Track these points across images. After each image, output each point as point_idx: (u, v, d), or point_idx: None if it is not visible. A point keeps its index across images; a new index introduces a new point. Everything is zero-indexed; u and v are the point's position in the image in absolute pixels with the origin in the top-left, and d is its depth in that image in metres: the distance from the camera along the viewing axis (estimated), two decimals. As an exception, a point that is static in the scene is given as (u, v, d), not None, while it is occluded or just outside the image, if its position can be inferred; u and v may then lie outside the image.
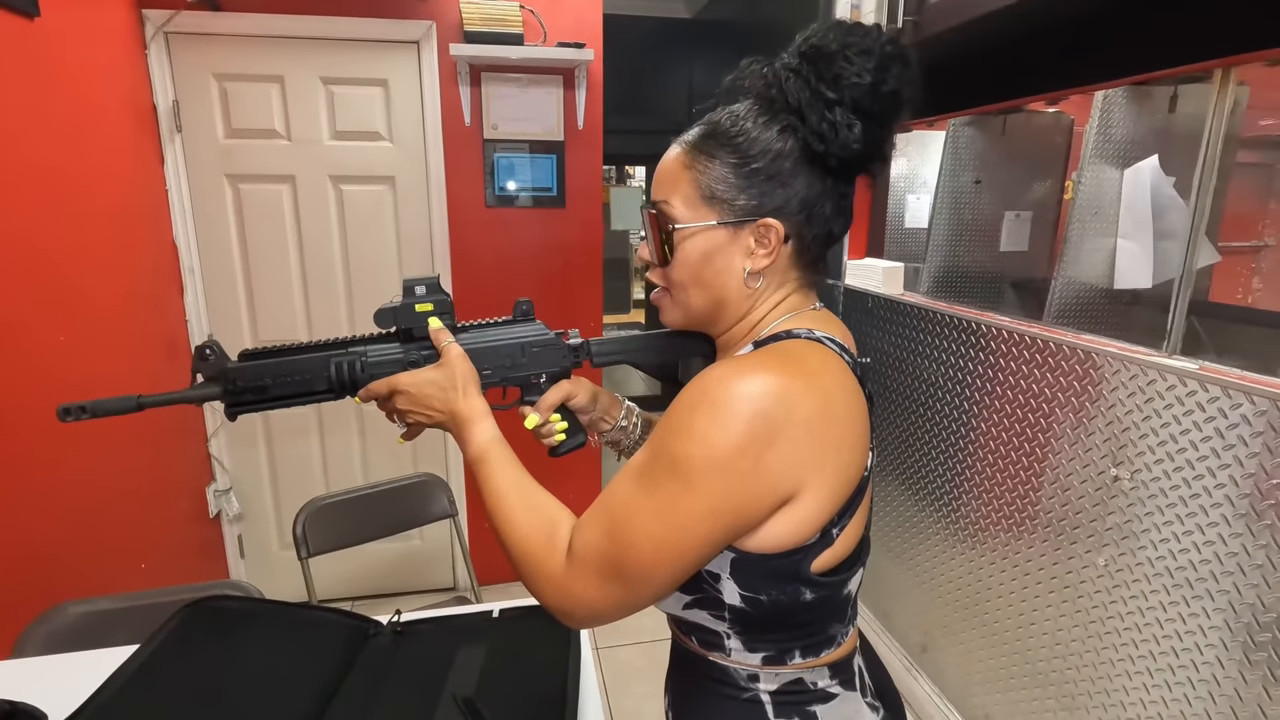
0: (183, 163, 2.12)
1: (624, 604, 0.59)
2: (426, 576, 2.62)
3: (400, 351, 0.77)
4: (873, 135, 0.60)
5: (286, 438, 2.41)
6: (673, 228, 0.65)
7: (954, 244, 2.35)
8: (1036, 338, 1.50)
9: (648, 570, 0.57)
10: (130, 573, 1.82)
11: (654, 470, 0.57)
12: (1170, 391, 1.20)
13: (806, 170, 0.62)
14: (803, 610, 0.61)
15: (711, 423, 0.55)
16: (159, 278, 2.06)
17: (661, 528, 0.56)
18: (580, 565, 0.60)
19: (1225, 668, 1.13)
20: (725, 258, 0.64)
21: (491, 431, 0.71)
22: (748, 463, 0.54)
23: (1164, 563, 1.22)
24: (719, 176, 0.63)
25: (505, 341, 0.79)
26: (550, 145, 2.32)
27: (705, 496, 0.55)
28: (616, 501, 0.59)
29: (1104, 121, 1.93)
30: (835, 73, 0.58)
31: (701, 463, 0.54)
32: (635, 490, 0.58)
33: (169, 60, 2.05)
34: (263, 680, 0.95)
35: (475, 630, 1.10)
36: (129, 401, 0.70)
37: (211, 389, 0.73)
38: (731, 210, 0.63)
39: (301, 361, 0.75)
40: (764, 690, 0.65)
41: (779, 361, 0.58)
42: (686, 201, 0.64)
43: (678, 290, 0.68)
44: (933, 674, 1.94)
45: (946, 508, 1.84)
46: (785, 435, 0.54)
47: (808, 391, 0.56)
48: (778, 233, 0.63)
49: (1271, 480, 1.05)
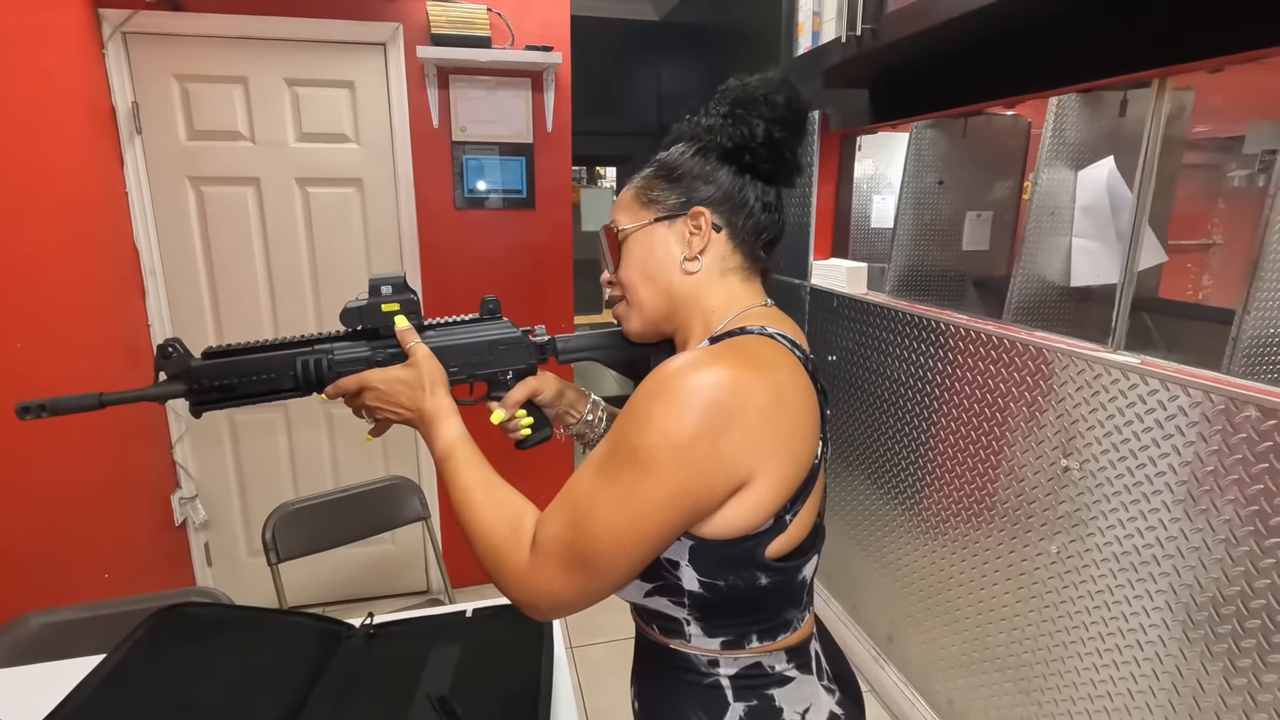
0: (143, 165, 2.08)
1: (588, 593, 0.61)
2: (399, 580, 2.61)
3: (367, 350, 0.78)
4: (773, 135, 0.70)
5: (253, 443, 2.38)
6: (618, 231, 0.75)
7: (918, 243, 2.41)
8: (992, 335, 1.55)
9: (609, 559, 0.59)
10: (94, 583, 1.79)
11: (614, 460, 0.60)
12: (1115, 385, 1.26)
13: (726, 168, 0.73)
14: (759, 595, 0.64)
15: (668, 413, 0.57)
16: (119, 281, 2.03)
17: (622, 516, 0.58)
18: (544, 557, 0.62)
19: (1167, 645, 1.19)
20: (665, 248, 0.73)
21: (458, 429, 0.73)
22: (703, 450, 0.57)
23: (1111, 548, 1.28)
24: (653, 185, 0.75)
25: (472, 339, 0.81)
26: (519, 147, 2.33)
27: (663, 484, 0.57)
28: (579, 493, 0.61)
29: (1058, 125, 2.00)
30: (739, 95, 0.71)
31: (660, 452, 0.57)
32: (596, 481, 0.61)
33: (127, 61, 2.01)
34: (234, 687, 0.95)
35: (449, 630, 1.11)
36: (90, 399, 0.70)
37: (175, 387, 0.73)
38: (665, 208, 0.73)
39: (267, 360, 0.75)
40: (724, 675, 0.68)
41: (733, 355, 0.62)
42: (630, 214, 0.75)
43: (630, 290, 0.75)
44: (899, 663, 2.00)
45: (910, 500, 1.90)
46: (739, 423, 0.58)
47: (760, 383, 0.60)
48: (706, 219, 0.71)
49: (1206, 468, 1.11)
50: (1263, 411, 1.02)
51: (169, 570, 2.28)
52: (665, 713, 0.71)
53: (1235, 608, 1.08)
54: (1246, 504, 1.06)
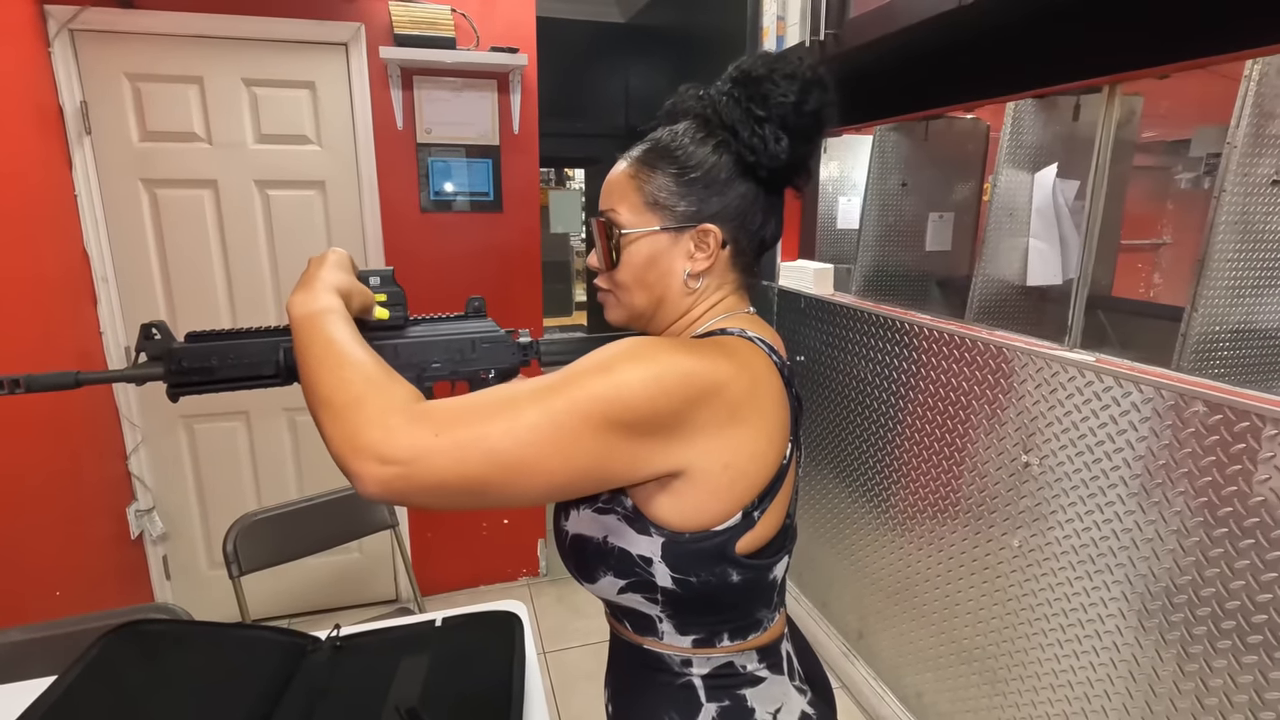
0: (93, 166, 2.01)
1: (439, 475, 0.52)
2: (368, 589, 2.56)
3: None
4: (797, 150, 0.66)
5: (213, 452, 2.32)
6: (620, 233, 0.69)
7: (883, 244, 2.45)
8: (955, 334, 1.59)
9: (488, 450, 0.53)
10: (44, 601, 1.72)
11: (570, 375, 0.57)
12: (1071, 383, 1.29)
13: (740, 180, 0.68)
14: (730, 592, 0.65)
15: (649, 357, 0.57)
16: (69, 288, 1.95)
17: (533, 414, 0.54)
18: (419, 413, 0.53)
19: (1124, 635, 1.22)
20: (667, 260, 0.69)
21: (340, 307, 0.64)
22: (666, 404, 0.57)
23: (1069, 541, 1.32)
24: (661, 185, 0.68)
25: (456, 336, 0.80)
26: (485, 149, 2.31)
27: (587, 405, 0.54)
28: (489, 393, 0.56)
29: (1015, 128, 2.05)
30: (763, 93, 0.65)
31: (627, 382, 0.55)
32: (537, 381, 0.57)
33: (75, 59, 1.94)
34: (192, 707, 0.92)
35: (418, 640, 1.09)
36: (67, 377, 0.68)
37: (154, 369, 0.71)
38: (673, 216, 0.68)
39: (250, 345, 0.73)
40: (696, 675, 0.68)
41: (716, 348, 0.62)
42: (631, 209, 0.69)
43: (622, 291, 0.72)
44: (868, 658, 2.03)
45: (877, 498, 1.93)
46: (708, 405, 0.58)
47: (736, 376, 0.60)
48: (716, 237, 0.68)
49: (1158, 462, 1.15)
50: (1209, 406, 1.06)
51: (126, 586, 2.20)
52: (639, 714, 0.71)
53: (1187, 596, 1.12)
54: (1196, 495, 1.10)
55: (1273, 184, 1.43)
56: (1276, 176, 1.43)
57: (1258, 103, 1.36)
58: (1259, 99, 1.36)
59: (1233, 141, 1.39)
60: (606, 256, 0.71)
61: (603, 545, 0.65)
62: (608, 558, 0.65)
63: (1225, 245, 1.41)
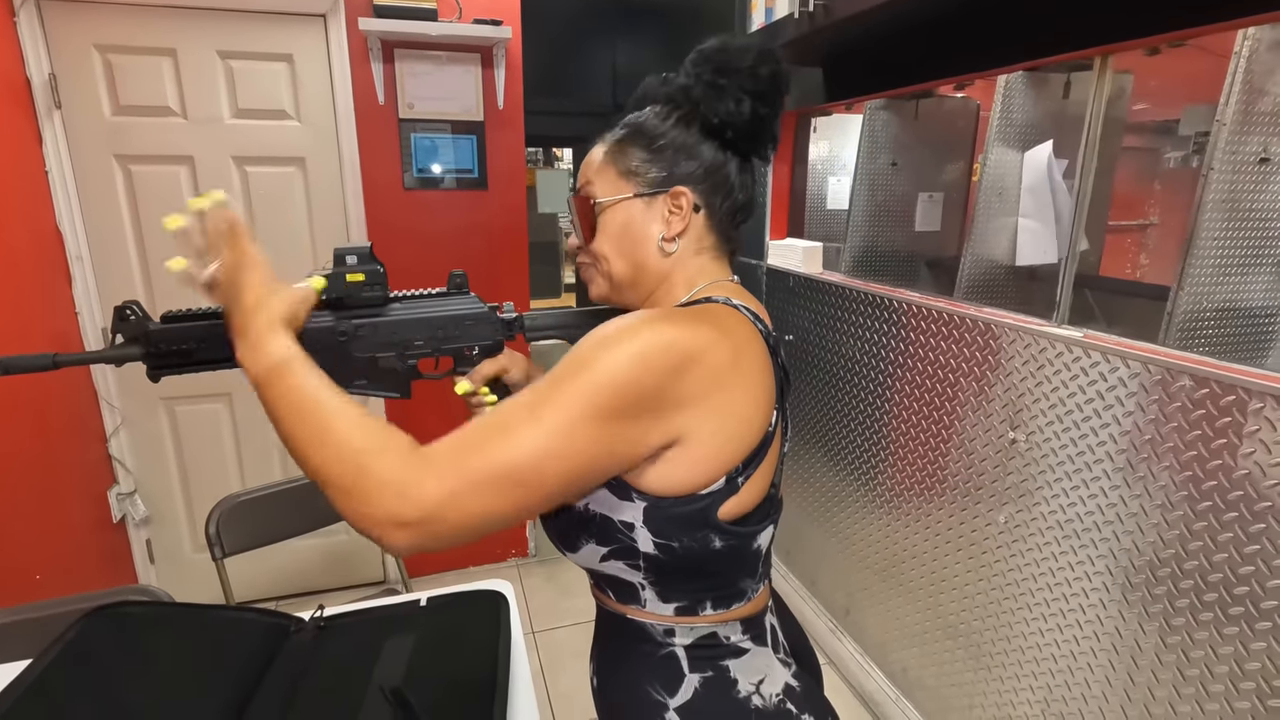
0: (64, 142, 1.96)
1: (480, 514, 0.54)
2: (353, 571, 2.55)
3: (331, 319, 0.74)
4: (758, 111, 0.69)
5: (195, 434, 2.28)
6: (594, 203, 0.72)
7: (872, 224, 2.44)
8: (943, 311, 1.58)
9: (503, 472, 0.54)
10: (23, 585, 1.70)
11: (552, 385, 0.57)
12: (1059, 358, 1.29)
13: (708, 144, 0.71)
14: (713, 559, 0.64)
15: (620, 345, 0.57)
16: (42, 267, 1.90)
17: (551, 436, 0.54)
18: (437, 463, 0.54)
19: (1107, 608, 1.23)
20: (642, 226, 0.71)
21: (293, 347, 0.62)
22: (649, 385, 0.57)
23: (1055, 516, 1.32)
24: (633, 156, 0.71)
25: (439, 313, 0.79)
26: (470, 125, 2.26)
27: (601, 409, 0.56)
28: (498, 412, 0.57)
29: (1005, 106, 2.04)
30: (721, 63, 0.69)
31: (604, 377, 0.56)
32: (522, 402, 0.57)
33: (42, 29, 1.88)
34: (172, 688, 0.91)
35: (402, 620, 1.08)
36: (44, 359, 0.67)
37: (132, 350, 0.70)
38: (645, 182, 0.71)
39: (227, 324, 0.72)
40: (679, 644, 0.68)
41: (696, 315, 0.63)
42: (606, 182, 0.72)
43: (602, 261, 0.73)
44: (855, 634, 2.04)
45: (865, 476, 1.93)
46: (690, 372, 0.58)
47: (717, 341, 0.60)
48: (688, 199, 0.70)
49: (1144, 436, 1.15)
50: (1196, 380, 1.06)
51: (108, 570, 2.18)
52: (622, 684, 0.71)
53: (1170, 569, 1.12)
54: (1180, 470, 1.10)
55: (1260, 162, 1.42)
56: (1264, 154, 1.42)
57: (1247, 79, 1.36)
58: (1248, 75, 1.35)
59: (1221, 119, 1.38)
60: (586, 230, 0.74)
61: (584, 513, 0.64)
62: (589, 525, 0.64)
63: (1212, 223, 1.41)
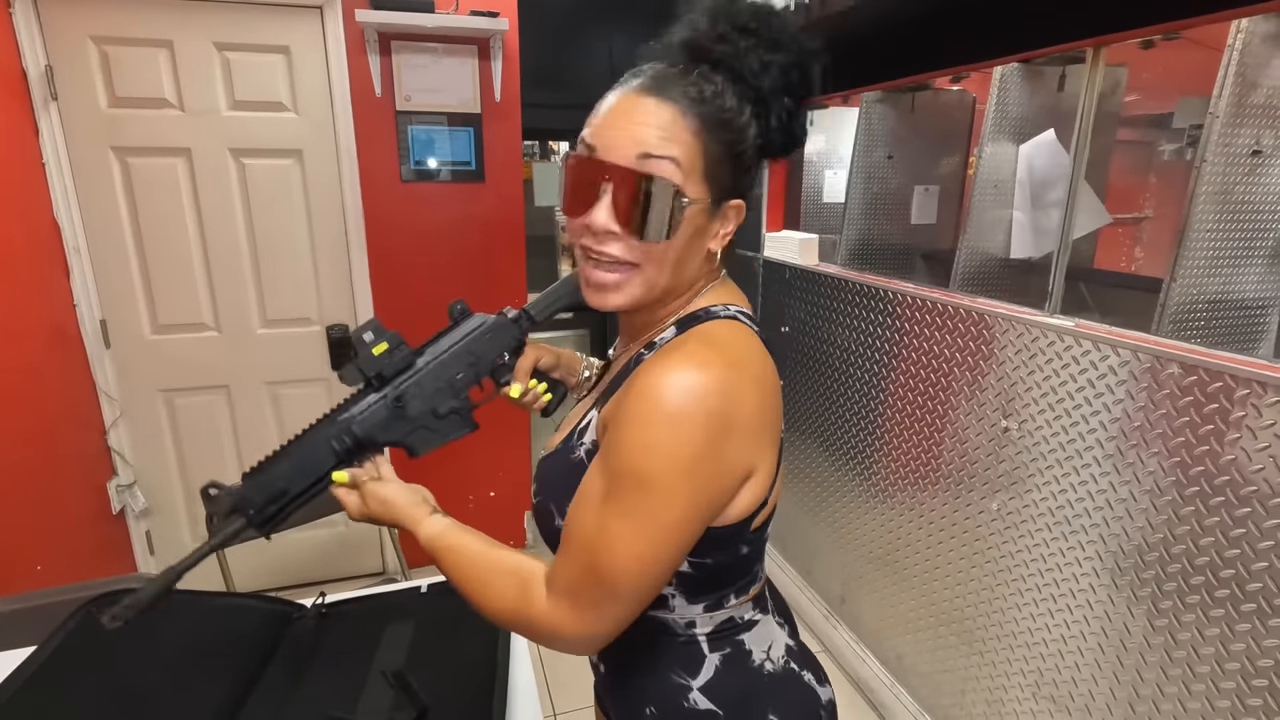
0: (61, 134, 1.95)
1: (622, 618, 0.61)
2: (354, 562, 2.56)
3: (380, 398, 0.77)
4: (802, 122, 0.65)
5: (194, 426, 2.29)
6: (685, 201, 0.58)
7: (868, 217, 2.45)
8: (937, 302, 1.59)
9: (638, 585, 0.59)
10: (24, 576, 1.71)
11: (620, 491, 0.57)
12: (1051, 348, 1.31)
13: (759, 158, 0.65)
14: (741, 563, 0.67)
15: (671, 434, 0.55)
16: (39, 259, 1.91)
17: (645, 544, 0.57)
18: (567, 600, 0.60)
19: (1097, 593, 1.25)
20: (702, 239, 0.63)
21: (444, 519, 0.72)
22: (711, 462, 0.57)
23: (1047, 504, 1.34)
24: (719, 156, 0.60)
25: (461, 343, 0.81)
26: (467, 118, 2.26)
27: (679, 504, 0.57)
28: (588, 533, 0.59)
29: (1001, 99, 2.05)
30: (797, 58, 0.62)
31: (670, 475, 0.56)
32: (605, 516, 0.58)
33: (38, 20, 1.87)
34: (176, 673, 0.92)
35: (403, 606, 1.10)
36: (163, 581, 0.71)
37: (237, 523, 0.74)
38: (721, 190, 0.62)
39: (305, 453, 0.75)
40: (700, 633, 0.69)
41: (714, 355, 0.58)
42: (692, 171, 0.59)
43: (654, 267, 0.61)
44: (851, 623, 2.06)
45: (860, 466, 1.95)
46: (737, 427, 0.58)
47: (746, 382, 0.59)
48: (740, 212, 0.64)
49: (1133, 424, 1.17)
50: (1184, 368, 1.08)
51: (108, 561, 2.19)
52: (641, 675, 0.71)
53: (1159, 554, 1.14)
54: (1169, 456, 1.12)
55: (1252, 154, 1.44)
56: (1257, 146, 1.44)
57: (1240, 72, 1.37)
58: (1241, 68, 1.37)
59: (1215, 111, 1.39)
60: (655, 220, 0.58)
61: None
62: None
63: (1205, 215, 1.42)
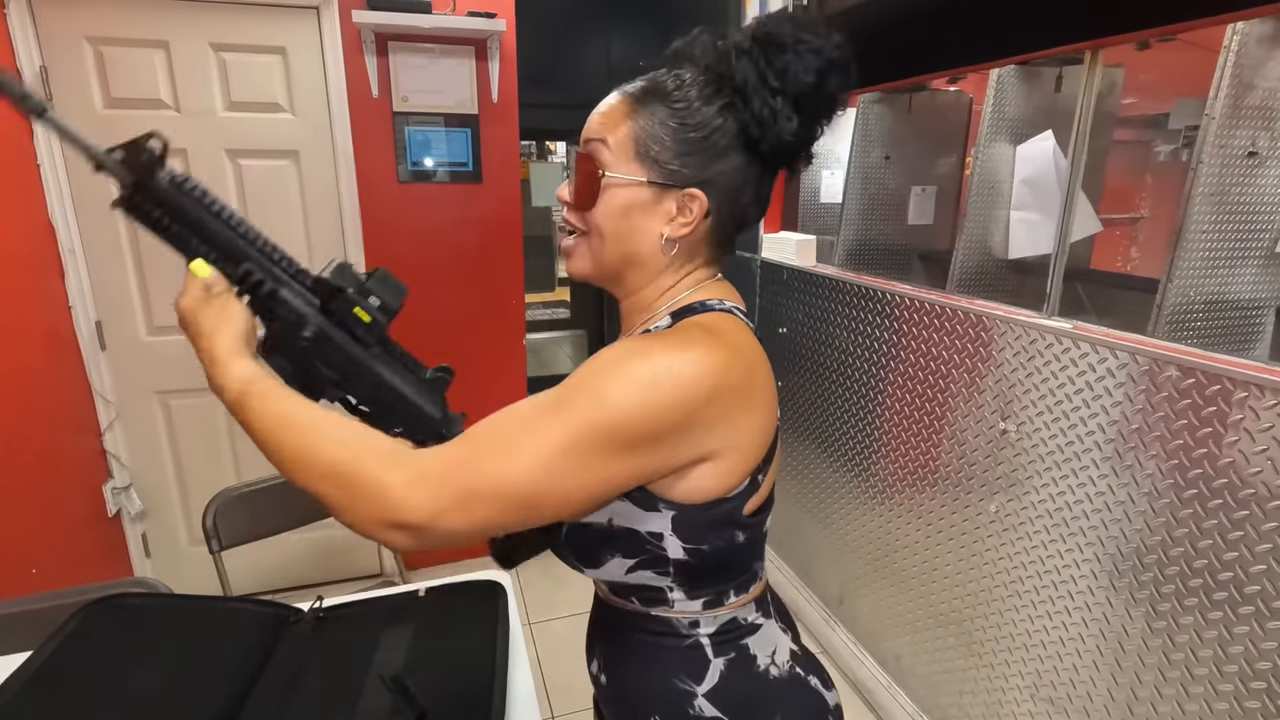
0: (55, 136, 1.94)
1: (478, 528, 0.55)
2: (351, 564, 2.56)
3: (312, 310, 0.66)
4: (805, 132, 0.63)
5: (190, 427, 2.28)
6: (602, 173, 0.64)
7: (865, 217, 2.45)
8: (935, 304, 1.59)
9: (525, 496, 0.54)
10: (19, 579, 1.70)
11: (570, 398, 0.55)
12: (1049, 350, 1.31)
13: (737, 151, 0.64)
14: (737, 552, 0.66)
15: (647, 370, 0.55)
16: (34, 261, 1.90)
17: (560, 459, 0.53)
18: (436, 478, 0.53)
19: (1095, 595, 1.25)
20: (644, 217, 0.65)
21: (260, 366, 0.61)
22: (676, 428, 0.56)
23: (1045, 506, 1.34)
24: (655, 136, 0.63)
25: (392, 382, 0.69)
26: (464, 119, 2.26)
27: (622, 439, 0.55)
28: (503, 423, 0.55)
29: (998, 100, 2.05)
30: (784, 64, 0.60)
31: (633, 401, 0.54)
32: (537, 411, 0.55)
33: (33, 21, 1.87)
34: (173, 677, 0.92)
35: (401, 610, 1.09)
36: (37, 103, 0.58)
37: (122, 172, 0.63)
38: (662, 172, 0.63)
39: (221, 236, 0.65)
40: (704, 634, 0.69)
41: (707, 336, 0.60)
42: (619, 150, 0.64)
43: (594, 237, 0.66)
44: (849, 623, 2.07)
45: (858, 467, 1.95)
46: (717, 402, 0.58)
47: (736, 363, 0.60)
48: (701, 204, 0.64)
49: (1131, 426, 1.17)
50: (1182, 371, 1.08)
51: (104, 563, 2.18)
52: (645, 680, 0.70)
53: (1157, 557, 1.14)
54: (1167, 459, 1.12)
55: (1248, 155, 1.44)
56: (1252, 148, 1.44)
57: (1236, 74, 1.37)
58: (1237, 70, 1.37)
59: (1211, 113, 1.40)
60: (582, 193, 0.66)
61: (607, 528, 0.63)
62: (613, 540, 0.63)
63: (1201, 216, 1.42)
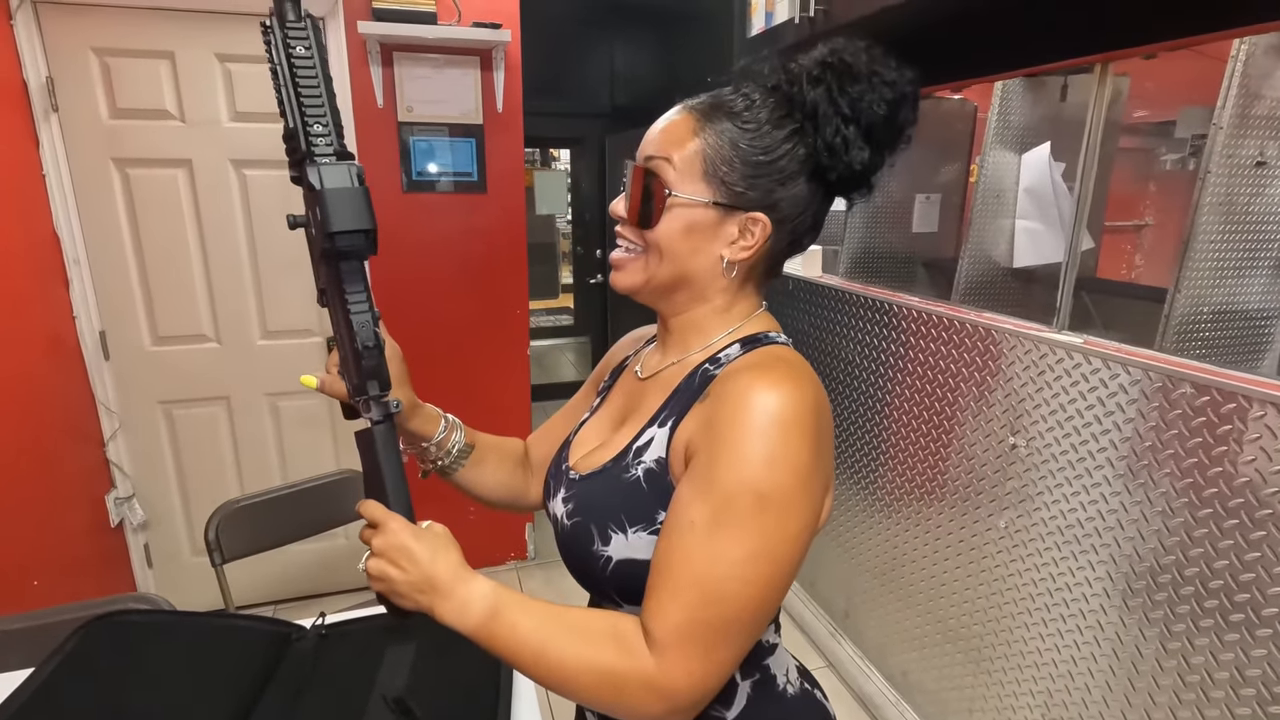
0: (61, 145, 1.95)
1: (735, 664, 0.56)
2: (353, 575, 2.54)
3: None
4: (874, 162, 0.63)
5: (194, 438, 2.27)
6: (668, 193, 0.63)
7: (870, 226, 2.44)
8: (942, 316, 1.58)
9: (755, 619, 0.56)
10: (20, 591, 1.69)
11: (734, 513, 0.54)
12: (1059, 364, 1.30)
13: (805, 178, 0.63)
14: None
15: (790, 445, 0.55)
16: (39, 271, 1.90)
17: (767, 567, 0.55)
18: (677, 650, 0.54)
19: (1108, 614, 1.24)
20: (705, 238, 0.64)
21: (489, 583, 0.61)
22: (819, 474, 0.57)
23: (1055, 522, 1.33)
24: (724, 156, 0.62)
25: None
26: (469, 129, 2.26)
27: (797, 518, 0.56)
28: (697, 567, 0.55)
29: (1003, 109, 2.04)
30: (858, 93, 0.60)
31: (789, 489, 0.55)
32: (717, 543, 0.54)
33: (39, 32, 1.87)
34: (174, 698, 0.91)
35: (404, 627, 1.08)
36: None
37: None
38: (728, 193, 0.62)
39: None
40: None
41: (797, 371, 0.60)
42: (686, 169, 0.62)
43: (651, 254, 0.65)
44: (854, 637, 2.05)
45: (865, 481, 1.93)
46: (826, 438, 0.59)
47: (822, 396, 0.61)
48: (764, 228, 0.63)
49: (1144, 443, 1.15)
50: (1197, 388, 1.07)
51: (106, 574, 2.17)
52: None
53: (1171, 576, 1.13)
54: (1181, 477, 1.10)
55: (1256, 165, 1.43)
56: (1260, 158, 1.43)
57: (1244, 84, 1.36)
58: (1245, 80, 1.36)
59: (1218, 122, 1.38)
60: (638, 211, 0.64)
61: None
62: None
63: (1209, 226, 1.41)
